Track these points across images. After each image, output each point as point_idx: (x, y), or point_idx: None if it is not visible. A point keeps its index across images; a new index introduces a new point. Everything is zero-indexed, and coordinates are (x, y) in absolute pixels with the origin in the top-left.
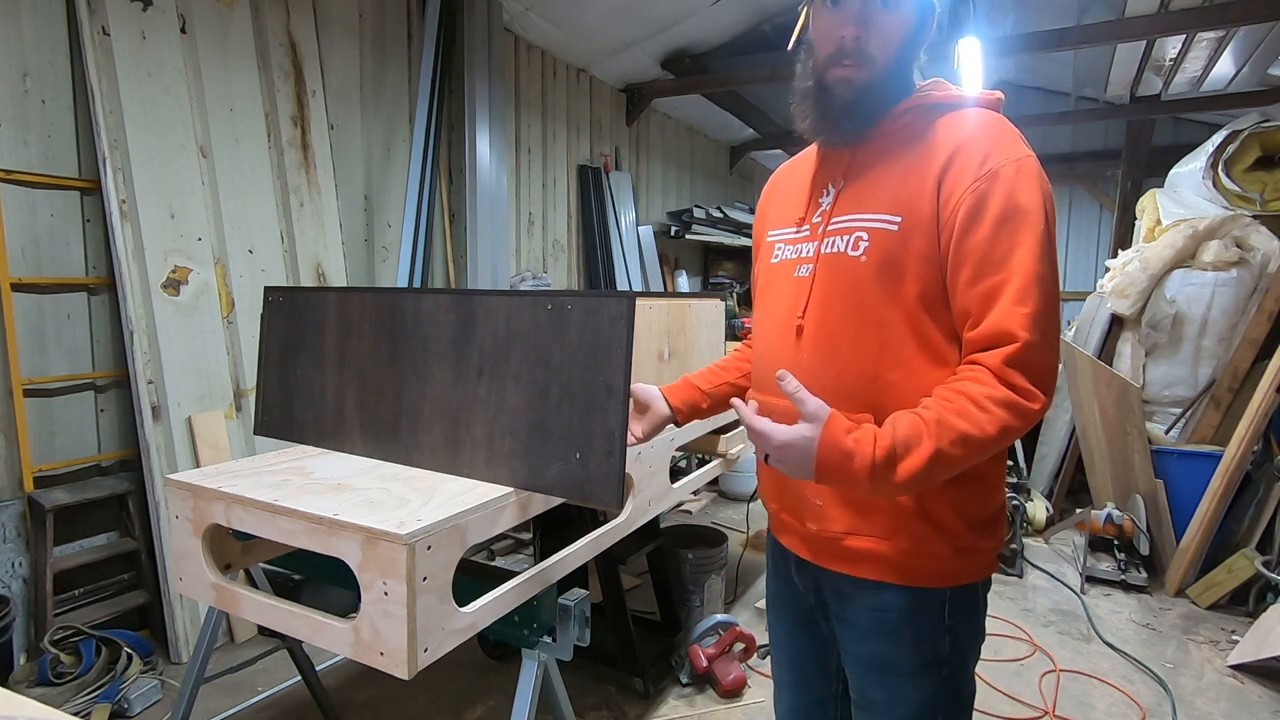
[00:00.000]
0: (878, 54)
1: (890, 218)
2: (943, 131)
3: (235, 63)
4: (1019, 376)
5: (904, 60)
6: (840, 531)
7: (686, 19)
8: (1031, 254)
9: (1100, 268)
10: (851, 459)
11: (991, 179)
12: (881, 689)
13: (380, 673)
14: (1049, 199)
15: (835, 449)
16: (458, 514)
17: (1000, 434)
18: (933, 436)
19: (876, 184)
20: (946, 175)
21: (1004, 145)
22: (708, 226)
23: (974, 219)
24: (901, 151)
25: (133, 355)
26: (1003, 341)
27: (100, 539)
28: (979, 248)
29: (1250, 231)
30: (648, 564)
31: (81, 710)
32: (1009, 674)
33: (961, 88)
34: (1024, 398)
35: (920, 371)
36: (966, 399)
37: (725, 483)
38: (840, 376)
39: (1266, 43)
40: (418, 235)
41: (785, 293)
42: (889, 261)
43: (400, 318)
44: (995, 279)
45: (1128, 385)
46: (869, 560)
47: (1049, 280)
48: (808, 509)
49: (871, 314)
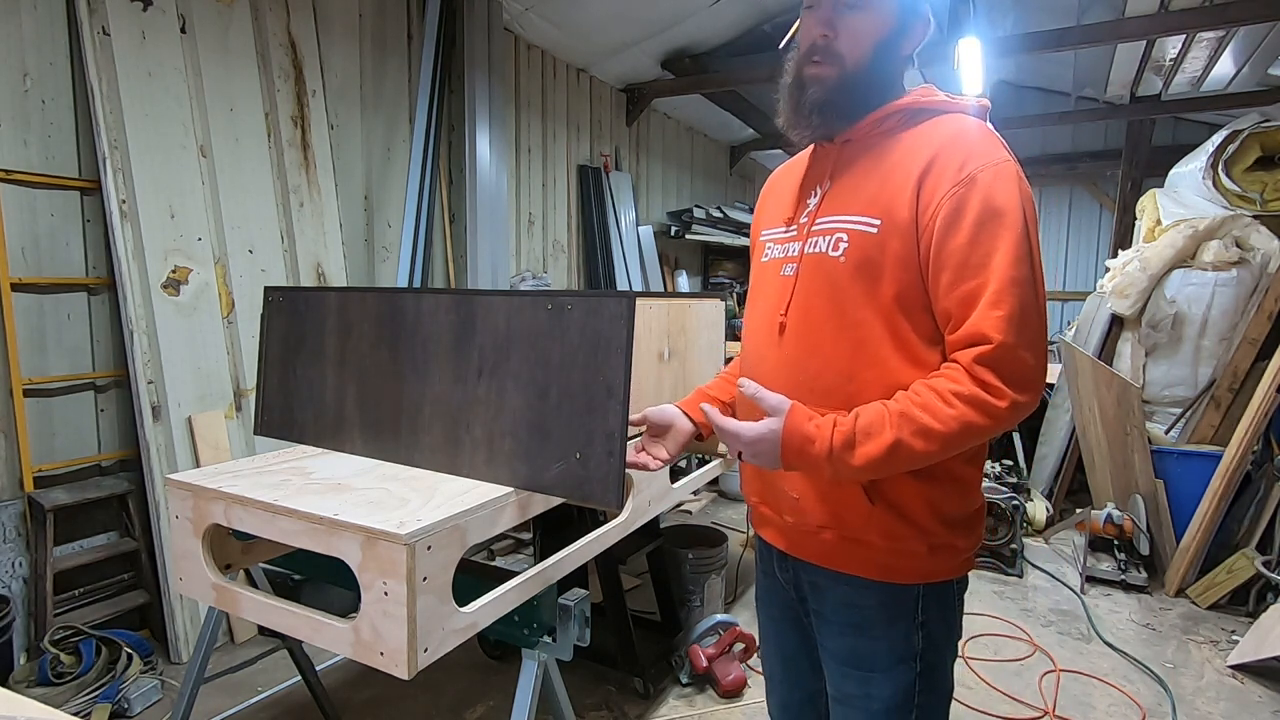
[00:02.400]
0: (846, 53)
1: (870, 220)
2: (925, 136)
3: (235, 63)
4: (989, 374)
5: (880, 61)
6: (816, 525)
7: (686, 19)
8: (1008, 258)
9: (1100, 268)
10: (812, 443)
11: (969, 184)
12: (855, 683)
13: (380, 673)
14: (1029, 202)
15: (797, 434)
16: (458, 514)
17: (962, 429)
18: (894, 426)
19: (858, 186)
20: (925, 180)
21: (983, 151)
22: (708, 226)
23: (952, 224)
24: (884, 155)
25: (133, 355)
26: (976, 342)
27: (100, 539)
28: (957, 252)
29: (1250, 231)
30: (648, 564)
31: (81, 710)
32: (1009, 674)
33: (951, 94)
34: (992, 395)
35: (895, 371)
36: (934, 393)
37: (725, 483)
38: (819, 374)
39: (1266, 43)
40: (418, 235)
41: (771, 291)
42: (867, 263)
43: (400, 318)
44: (974, 283)
45: (1128, 385)
46: (843, 555)
47: (1026, 282)
48: (785, 502)
49: (849, 314)
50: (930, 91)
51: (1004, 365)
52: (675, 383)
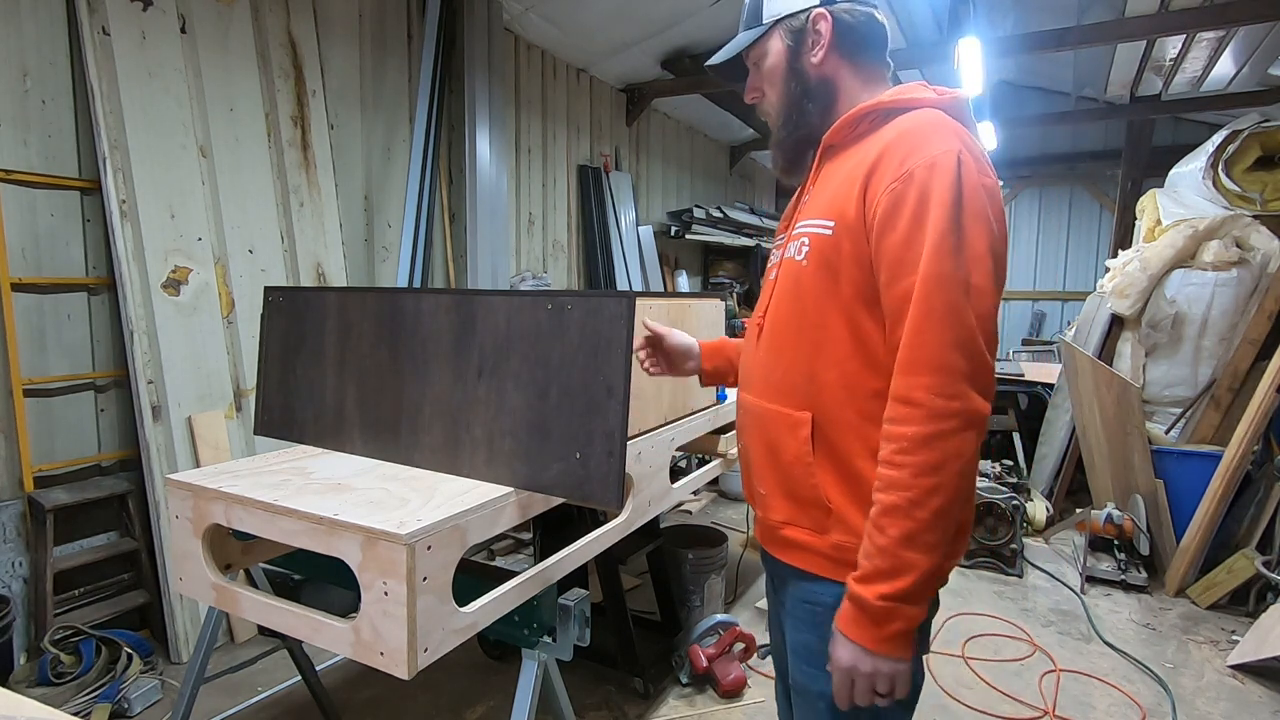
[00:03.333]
0: (775, 99)
1: (825, 222)
2: (881, 136)
3: (235, 63)
4: (919, 390)
5: (798, 86)
6: (779, 521)
7: (686, 19)
8: (931, 253)
9: (1100, 268)
10: (864, 609)
11: (907, 179)
12: (810, 678)
13: (380, 673)
14: (975, 192)
15: (854, 625)
16: (458, 514)
17: (935, 462)
18: (899, 541)
19: (822, 191)
20: (871, 178)
21: (927, 144)
22: (708, 226)
23: (888, 222)
24: (848, 158)
25: (133, 355)
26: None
27: (100, 539)
28: (892, 249)
29: (1250, 231)
30: (648, 564)
31: (81, 710)
32: (1009, 674)
33: (937, 88)
34: (931, 406)
35: (854, 374)
36: (885, 467)
37: (725, 483)
38: (786, 374)
39: (1266, 43)
40: (418, 235)
41: (762, 295)
42: (825, 264)
43: (400, 318)
44: (906, 282)
45: (1128, 385)
46: (802, 551)
47: (949, 277)
48: (758, 498)
49: (810, 316)
50: (906, 90)
51: (937, 369)
52: (675, 383)
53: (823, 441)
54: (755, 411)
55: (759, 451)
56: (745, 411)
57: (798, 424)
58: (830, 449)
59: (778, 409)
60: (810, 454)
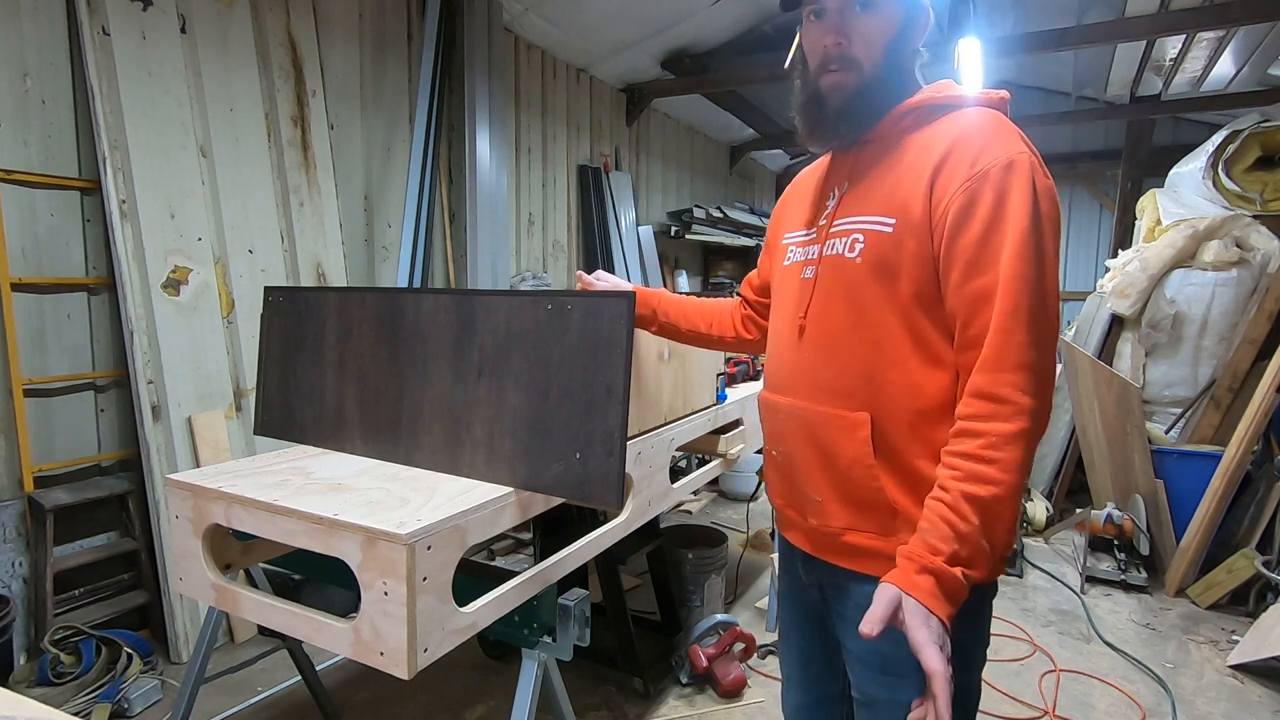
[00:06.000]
0: (862, 57)
1: (885, 219)
2: (939, 132)
3: (235, 63)
4: (1006, 386)
5: (895, 61)
6: (840, 527)
7: (686, 19)
8: (1015, 253)
9: (1100, 268)
10: (948, 586)
11: (981, 179)
12: (882, 687)
13: (380, 673)
14: (1046, 196)
15: (935, 599)
16: (458, 514)
17: (1020, 459)
18: (974, 525)
19: (874, 186)
20: (939, 176)
21: (997, 144)
22: (708, 226)
23: (963, 220)
24: (900, 153)
25: (133, 355)
26: (987, 350)
27: (100, 539)
28: (968, 249)
29: (1250, 231)
30: (648, 564)
31: (81, 710)
32: (1009, 674)
33: (967, 88)
34: (1018, 403)
35: (915, 371)
36: (972, 461)
37: (725, 483)
38: (839, 376)
39: (1266, 43)
40: (418, 235)
41: (792, 294)
42: (883, 263)
43: (400, 318)
44: (983, 280)
45: (1128, 385)
46: (867, 556)
47: (1033, 279)
48: (809, 505)
49: (867, 315)
50: (946, 86)
51: (1022, 368)
52: (675, 383)
53: (882, 442)
54: (801, 415)
55: (807, 456)
56: (786, 415)
57: (855, 425)
58: (890, 450)
59: (831, 411)
60: (871, 455)
